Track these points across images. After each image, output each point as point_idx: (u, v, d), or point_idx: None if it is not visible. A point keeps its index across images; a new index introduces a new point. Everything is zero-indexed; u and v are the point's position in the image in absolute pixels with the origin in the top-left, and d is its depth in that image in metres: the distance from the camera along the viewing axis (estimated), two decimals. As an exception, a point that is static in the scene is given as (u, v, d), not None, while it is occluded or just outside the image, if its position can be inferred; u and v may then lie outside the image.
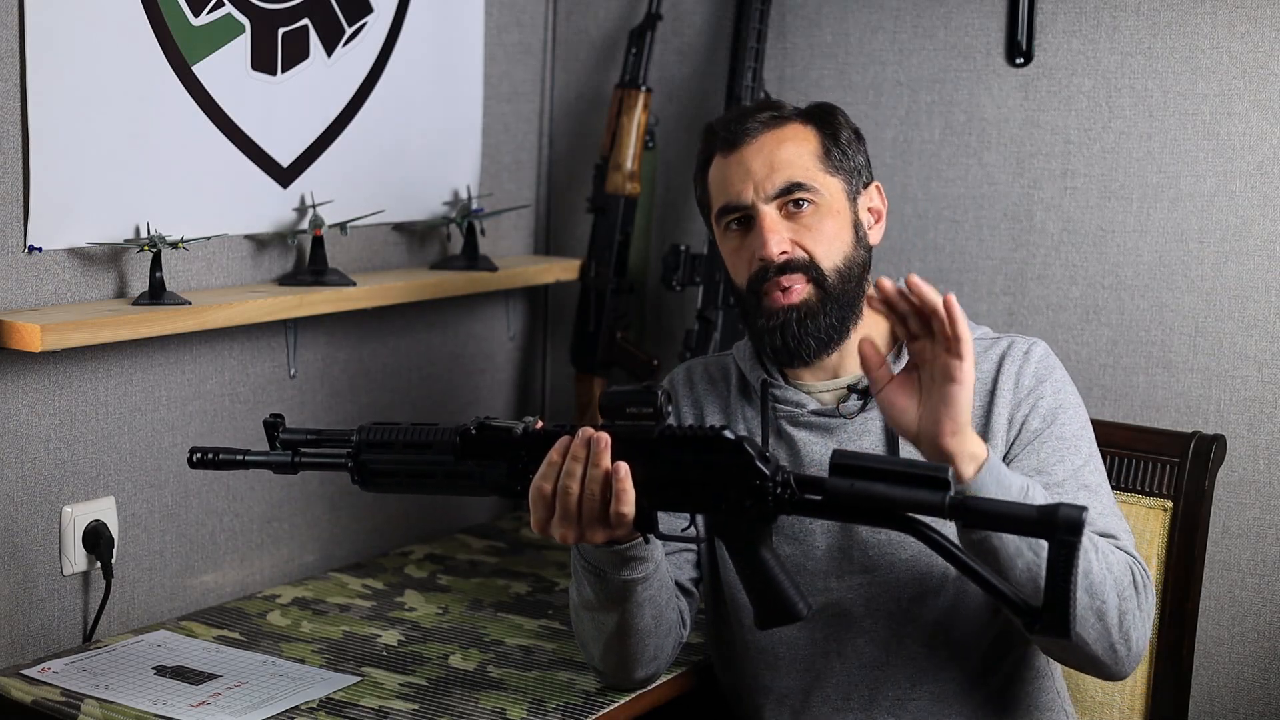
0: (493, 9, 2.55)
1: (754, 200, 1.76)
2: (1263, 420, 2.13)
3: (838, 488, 1.49)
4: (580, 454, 1.57)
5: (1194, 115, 2.16)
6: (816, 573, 1.79)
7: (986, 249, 2.33)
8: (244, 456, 1.72)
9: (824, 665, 1.79)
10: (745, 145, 1.78)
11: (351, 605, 2.17)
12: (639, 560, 1.66)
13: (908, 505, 1.46)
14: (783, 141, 1.78)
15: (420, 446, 1.64)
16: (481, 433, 1.62)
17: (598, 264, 2.53)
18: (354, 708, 1.79)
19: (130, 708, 1.74)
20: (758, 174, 1.76)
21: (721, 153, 1.81)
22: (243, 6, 2.10)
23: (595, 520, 1.58)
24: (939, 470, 1.45)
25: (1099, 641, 1.59)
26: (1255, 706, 2.16)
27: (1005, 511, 1.45)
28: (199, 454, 1.73)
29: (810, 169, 1.77)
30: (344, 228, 2.23)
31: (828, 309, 1.75)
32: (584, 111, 2.68)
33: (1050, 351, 1.81)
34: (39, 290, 1.91)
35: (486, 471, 1.62)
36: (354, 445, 1.66)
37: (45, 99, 1.87)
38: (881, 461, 1.49)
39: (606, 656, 1.79)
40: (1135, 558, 1.67)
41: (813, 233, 1.76)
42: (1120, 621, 1.60)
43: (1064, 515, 1.40)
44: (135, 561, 2.08)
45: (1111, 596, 1.59)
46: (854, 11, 2.41)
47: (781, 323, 1.75)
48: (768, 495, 1.53)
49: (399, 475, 1.66)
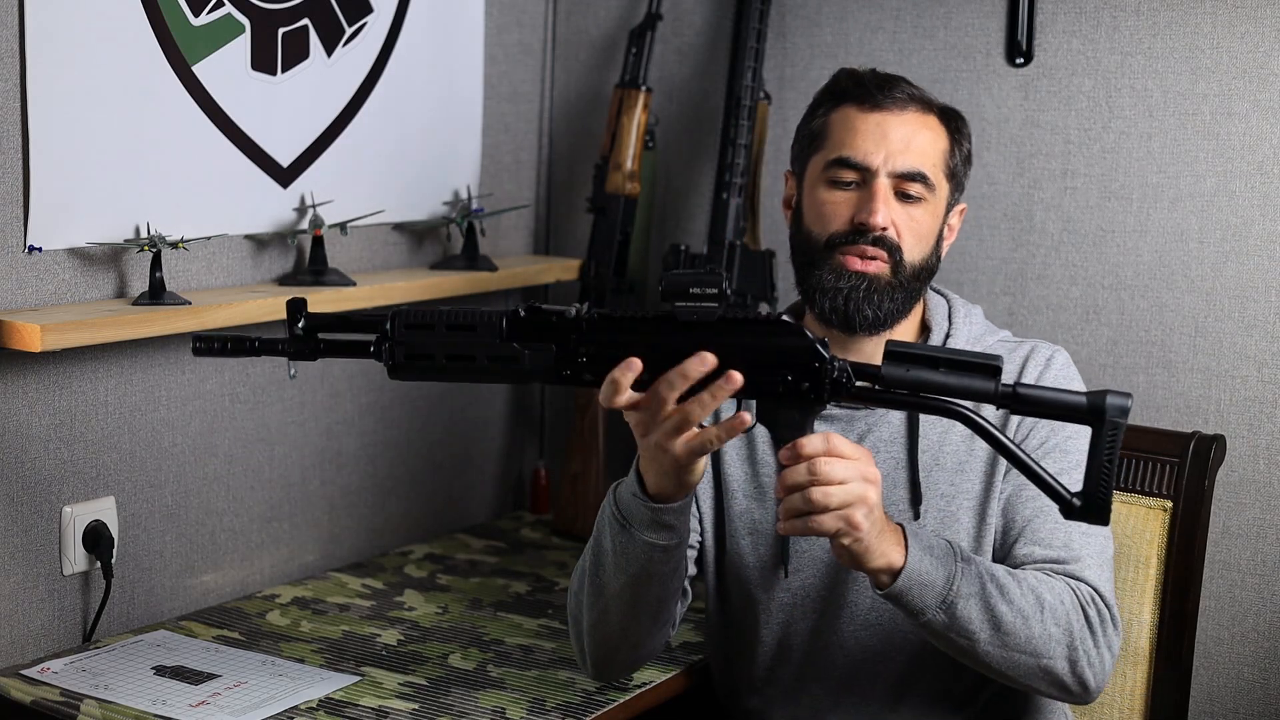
0: (493, 9, 2.55)
1: (879, 167, 1.76)
2: (1263, 420, 2.13)
3: (893, 374, 1.50)
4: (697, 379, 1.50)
5: (1194, 115, 2.16)
6: (830, 566, 1.79)
7: (986, 249, 2.33)
8: (256, 343, 1.60)
9: (825, 658, 1.80)
10: (889, 111, 1.78)
11: (351, 605, 2.17)
12: (668, 528, 1.64)
13: (960, 392, 1.48)
14: (925, 127, 1.79)
15: (464, 329, 1.57)
16: (530, 315, 1.56)
17: (598, 264, 2.53)
18: (353, 707, 1.79)
19: (129, 708, 1.74)
20: (894, 144, 1.76)
21: (859, 105, 1.79)
22: (243, 6, 2.10)
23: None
24: (992, 359, 1.48)
25: (1050, 688, 1.67)
26: (1255, 706, 2.16)
27: (1054, 400, 1.49)
28: (201, 342, 1.60)
29: (936, 166, 1.79)
30: (344, 228, 2.23)
31: (894, 293, 1.77)
32: (584, 111, 2.68)
33: (1071, 362, 1.83)
34: (39, 290, 1.91)
35: (533, 355, 1.56)
36: (389, 327, 1.58)
37: (45, 99, 1.87)
38: (934, 350, 1.51)
39: (596, 629, 1.75)
40: (1095, 588, 1.70)
41: (913, 224, 1.77)
42: (1073, 669, 1.65)
43: (1112, 402, 1.45)
44: (135, 561, 2.08)
45: (1060, 650, 1.64)
46: (854, 11, 2.41)
47: (851, 286, 1.76)
48: (826, 378, 1.52)
49: (437, 358, 1.57)
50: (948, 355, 1.49)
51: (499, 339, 1.56)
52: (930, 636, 1.65)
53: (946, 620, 1.60)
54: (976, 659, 1.64)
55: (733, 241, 2.38)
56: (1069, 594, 1.67)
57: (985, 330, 1.86)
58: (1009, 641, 1.62)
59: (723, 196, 2.40)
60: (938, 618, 1.60)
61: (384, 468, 2.45)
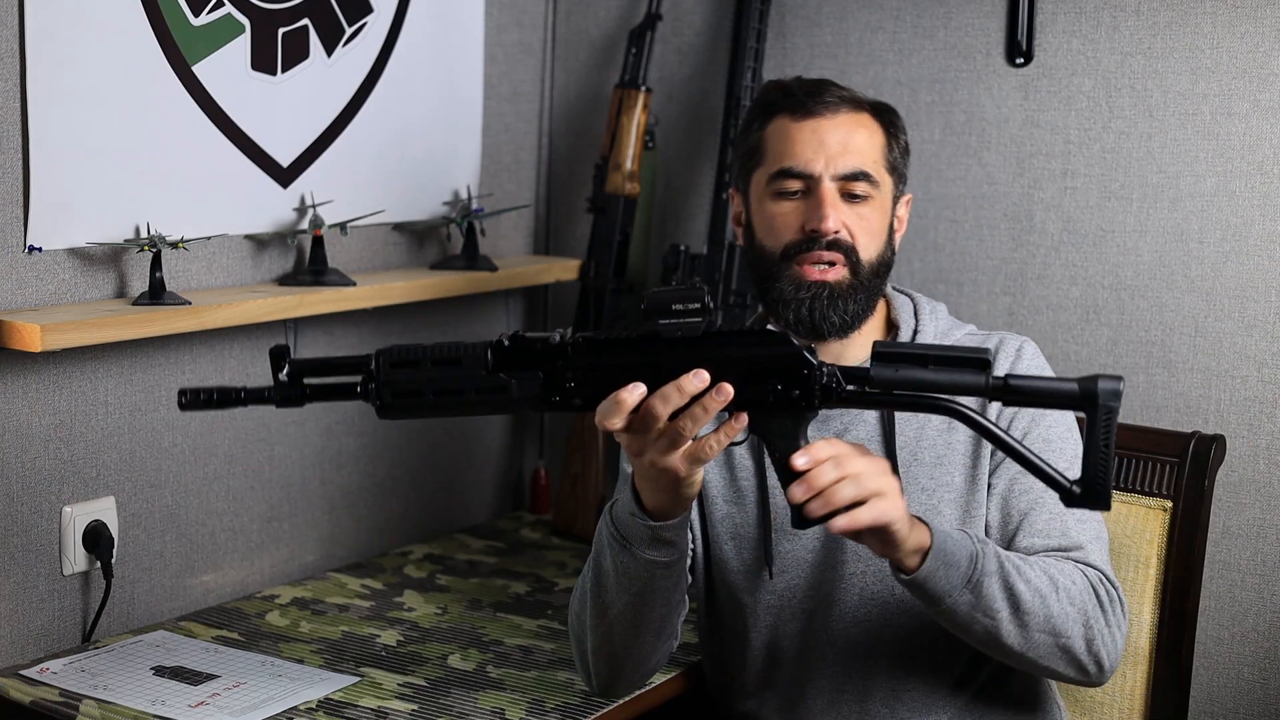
0: (493, 9, 2.55)
1: (821, 173, 1.77)
2: (1263, 420, 2.13)
3: (883, 375, 1.50)
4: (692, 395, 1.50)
5: (1194, 115, 2.16)
6: (814, 566, 1.80)
7: (986, 249, 2.33)
8: (242, 393, 1.57)
9: (818, 657, 1.80)
10: (822, 116, 1.79)
11: (350, 605, 2.17)
12: (668, 544, 1.64)
13: (952, 388, 1.48)
14: (860, 126, 1.80)
15: (449, 363, 1.56)
16: (515, 343, 1.56)
17: (597, 264, 2.53)
18: (353, 708, 1.79)
19: (129, 708, 1.74)
20: (832, 148, 1.78)
21: (792, 116, 1.80)
22: (243, 6, 2.10)
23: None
24: (980, 352, 1.48)
25: (1068, 668, 1.67)
26: (1255, 706, 2.16)
27: (1046, 389, 1.48)
28: (188, 395, 1.57)
29: (877, 162, 1.81)
30: (344, 228, 2.23)
31: (856, 295, 1.78)
32: (584, 111, 2.68)
33: (1039, 352, 1.85)
34: (39, 290, 1.91)
35: (520, 384, 1.56)
36: (374, 368, 1.57)
37: (45, 99, 1.87)
38: (921, 348, 1.50)
39: (602, 649, 1.75)
40: (1101, 571, 1.70)
41: (863, 223, 1.79)
42: (1088, 647, 1.66)
43: (1104, 387, 1.44)
44: (135, 561, 2.08)
45: (1076, 629, 1.64)
46: (854, 11, 2.41)
47: (812, 295, 1.77)
48: (816, 384, 1.53)
49: (424, 394, 1.56)
50: (936, 352, 1.49)
51: (485, 370, 1.56)
52: (951, 623, 1.63)
53: (972, 599, 1.59)
54: (999, 642, 1.63)
55: (732, 242, 2.38)
56: (1079, 575, 1.67)
57: (951, 325, 1.88)
58: (1029, 621, 1.62)
59: (722, 196, 2.40)
60: (963, 598, 1.59)
61: (384, 468, 2.45)
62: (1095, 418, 1.45)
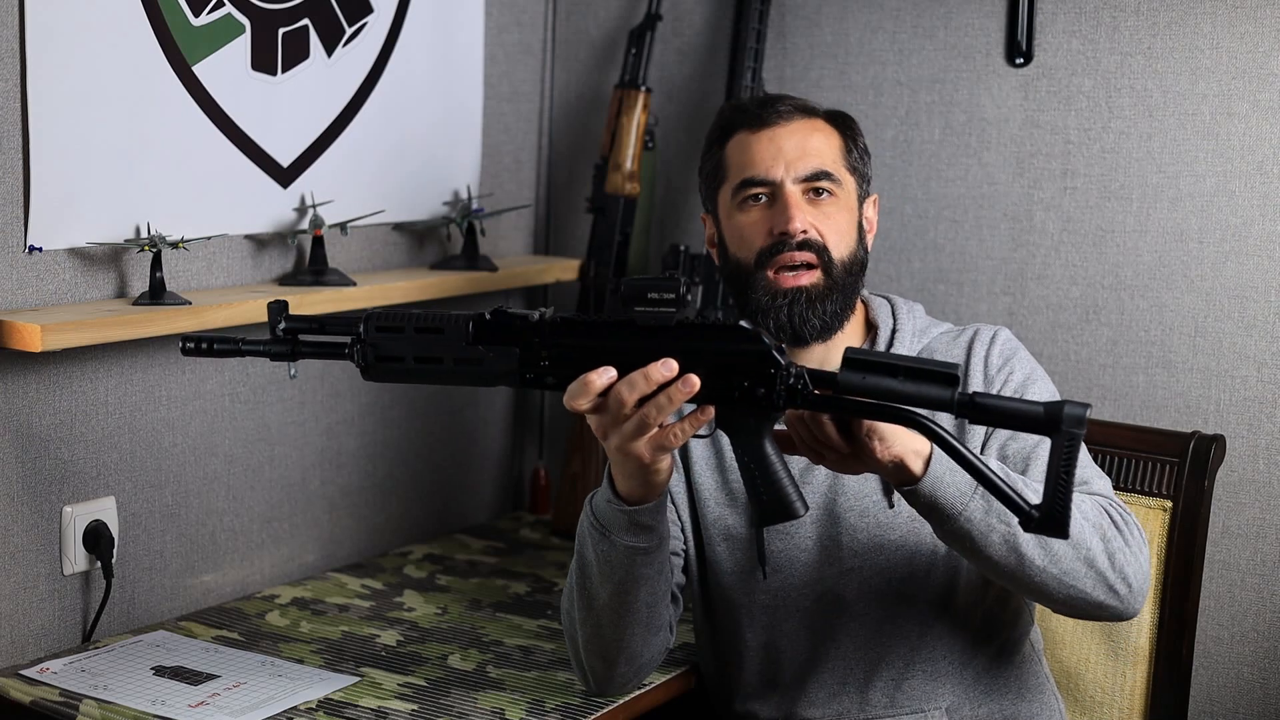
0: (493, 9, 2.55)
1: (782, 178, 1.80)
2: (1263, 420, 2.13)
3: (849, 381, 1.50)
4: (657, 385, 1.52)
5: (1194, 115, 2.16)
6: (809, 564, 1.80)
7: (986, 249, 2.33)
8: (240, 344, 1.63)
9: (820, 654, 1.80)
10: (777, 125, 1.83)
11: (350, 605, 2.17)
12: (645, 529, 1.65)
13: (917, 400, 1.48)
14: (814, 130, 1.84)
15: (432, 331, 1.59)
16: (496, 318, 1.59)
17: (597, 264, 2.53)
18: (353, 708, 1.79)
19: (128, 708, 1.74)
20: (789, 154, 1.81)
21: (750, 129, 1.84)
22: (243, 6, 2.10)
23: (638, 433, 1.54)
24: (949, 367, 1.47)
25: (1097, 587, 1.62)
26: (1255, 706, 2.16)
27: (1012, 409, 1.47)
28: (190, 342, 1.62)
29: (837, 162, 1.84)
30: (344, 228, 2.23)
31: (832, 296, 1.80)
32: (584, 111, 2.68)
33: (1013, 337, 1.86)
34: (39, 290, 1.92)
35: (498, 358, 1.58)
36: (361, 330, 1.61)
37: (45, 99, 1.87)
38: (893, 358, 1.50)
39: (592, 643, 1.75)
40: (1111, 498, 1.70)
41: (830, 221, 1.81)
42: (1111, 561, 1.63)
43: (1069, 412, 1.43)
44: (135, 561, 2.08)
45: (1095, 541, 1.62)
46: (854, 11, 2.41)
47: (789, 301, 1.78)
48: (781, 384, 1.53)
49: (406, 360, 1.61)
50: (907, 363, 1.48)
51: (465, 342, 1.59)
52: (969, 545, 1.59)
53: (985, 504, 1.57)
54: (1020, 554, 1.58)
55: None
56: (1087, 498, 1.66)
57: (929, 323, 1.90)
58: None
59: (722, 197, 2.40)
60: (976, 504, 1.56)
61: (384, 468, 2.45)
62: (1059, 443, 1.44)
